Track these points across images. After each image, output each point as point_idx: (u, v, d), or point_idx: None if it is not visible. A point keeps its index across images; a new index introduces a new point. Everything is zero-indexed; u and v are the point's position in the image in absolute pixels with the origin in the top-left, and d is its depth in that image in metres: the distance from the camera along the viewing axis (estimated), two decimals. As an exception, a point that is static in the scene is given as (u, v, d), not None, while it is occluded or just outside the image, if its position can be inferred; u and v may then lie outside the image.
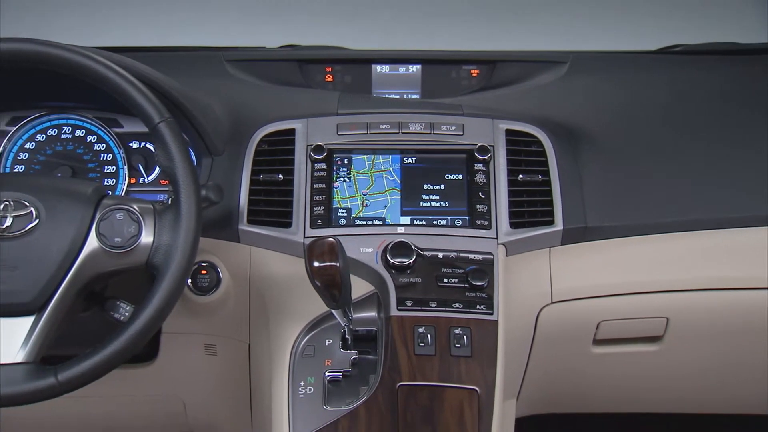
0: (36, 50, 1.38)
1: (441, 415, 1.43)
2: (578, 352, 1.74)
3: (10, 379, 1.28)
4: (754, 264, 1.68)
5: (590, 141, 1.75)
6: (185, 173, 1.38)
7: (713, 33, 2.12)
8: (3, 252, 1.33)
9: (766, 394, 1.89)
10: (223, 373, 1.81)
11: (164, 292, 1.33)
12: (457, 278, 1.57)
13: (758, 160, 1.75)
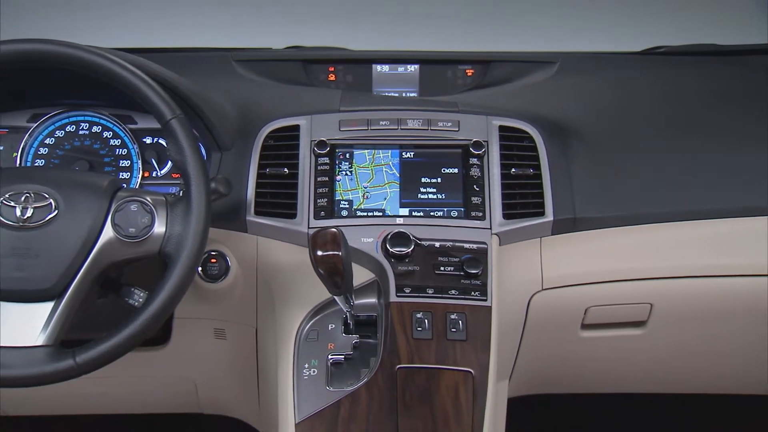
0: (56, 51, 1.38)
1: (437, 396, 1.44)
2: (567, 336, 1.74)
3: (31, 361, 1.29)
4: (733, 252, 1.69)
5: (579, 137, 1.75)
6: (195, 167, 1.39)
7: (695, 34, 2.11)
8: (24, 241, 1.33)
9: (745, 375, 1.90)
10: (231, 356, 1.81)
11: (176, 280, 1.34)
12: (453, 266, 1.57)
13: (736, 155, 1.75)
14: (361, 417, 1.42)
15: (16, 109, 1.76)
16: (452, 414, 1.42)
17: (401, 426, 1.41)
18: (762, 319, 1.75)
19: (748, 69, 2.00)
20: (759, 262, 1.68)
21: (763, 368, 1.88)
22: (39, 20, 2.26)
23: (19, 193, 1.35)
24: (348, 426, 1.41)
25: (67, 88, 1.72)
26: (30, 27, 1.43)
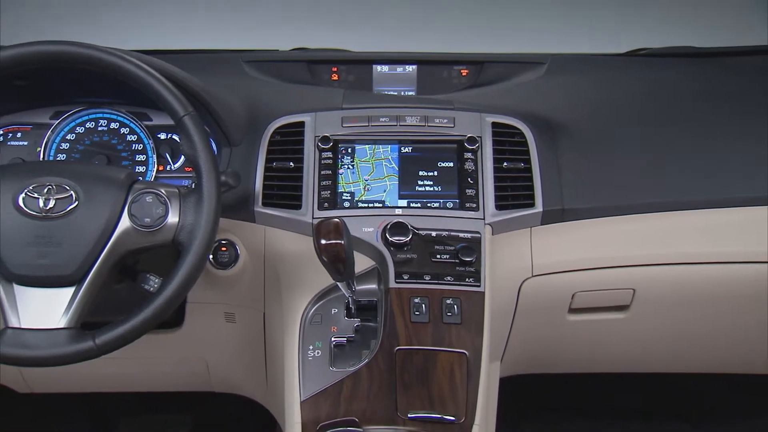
0: (77, 52, 1.38)
1: (434, 376, 1.44)
2: (555, 319, 1.74)
3: (54, 342, 1.30)
4: (710, 242, 1.68)
5: (567, 133, 1.75)
6: (207, 161, 1.39)
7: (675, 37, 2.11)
8: (47, 230, 1.33)
9: (722, 355, 1.90)
10: (241, 338, 1.81)
11: (189, 267, 1.34)
12: (449, 254, 1.57)
13: (713, 149, 1.75)
14: (362, 395, 1.42)
15: (39, 107, 1.76)
16: (448, 393, 1.42)
17: (400, 404, 1.40)
18: (737, 303, 1.75)
19: (723, 69, 1.99)
20: (734, 251, 1.68)
21: (739, 349, 1.89)
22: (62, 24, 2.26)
23: (42, 185, 1.35)
24: (350, 404, 1.41)
25: (87, 87, 1.71)
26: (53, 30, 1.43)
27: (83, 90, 1.74)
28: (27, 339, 1.31)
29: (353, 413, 1.40)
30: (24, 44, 1.38)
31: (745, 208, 1.69)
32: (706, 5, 2.33)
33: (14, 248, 1.33)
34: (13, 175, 1.39)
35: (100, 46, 1.40)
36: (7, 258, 1.33)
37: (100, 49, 1.39)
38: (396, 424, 1.38)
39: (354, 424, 1.38)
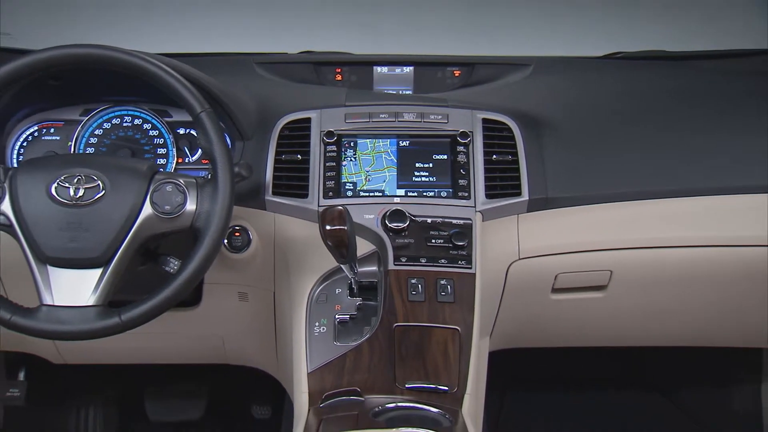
0: (105, 54, 1.38)
1: (429, 350, 1.44)
2: (540, 298, 1.73)
3: (84, 318, 1.31)
4: (682, 227, 1.68)
5: (551, 128, 1.73)
6: (222, 154, 1.39)
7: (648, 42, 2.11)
8: (77, 217, 1.34)
9: (692, 330, 1.90)
10: (253, 315, 1.80)
11: (205, 250, 1.35)
12: (443, 239, 1.56)
13: (682, 144, 1.73)
14: (363, 368, 1.42)
15: (70, 105, 1.75)
16: (442, 365, 1.42)
17: (398, 375, 1.40)
18: (702, 283, 1.74)
19: (692, 71, 1.98)
20: (705, 235, 1.68)
21: (703, 324, 1.88)
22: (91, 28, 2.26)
23: (72, 175, 1.35)
24: (352, 375, 1.41)
25: (113, 87, 1.71)
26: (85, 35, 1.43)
27: (110, 89, 1.73)
28: (60, 315, 1.32)
29: (355, 384, 1.40)
30: (57, 47, 1.38)
31: (708, 197, 1.68)
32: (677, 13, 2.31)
33: (48, 233, 1.33)
34: (46, 166, 1.39)
35: (125, 49, 1.40)
36: (42, 242, 1.33)
37: (125, 51, 1.39)
38: (394, 394, 1.38)
39: (356, 393, 1.38)
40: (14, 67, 1.37)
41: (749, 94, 1.85)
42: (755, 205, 1.68)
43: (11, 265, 1.60)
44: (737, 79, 1.92)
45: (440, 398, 1.38)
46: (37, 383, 2.17)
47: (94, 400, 2.35)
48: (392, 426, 1.25)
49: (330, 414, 1.32)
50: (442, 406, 1.34)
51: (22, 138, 1.74)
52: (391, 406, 1.34)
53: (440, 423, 1.29)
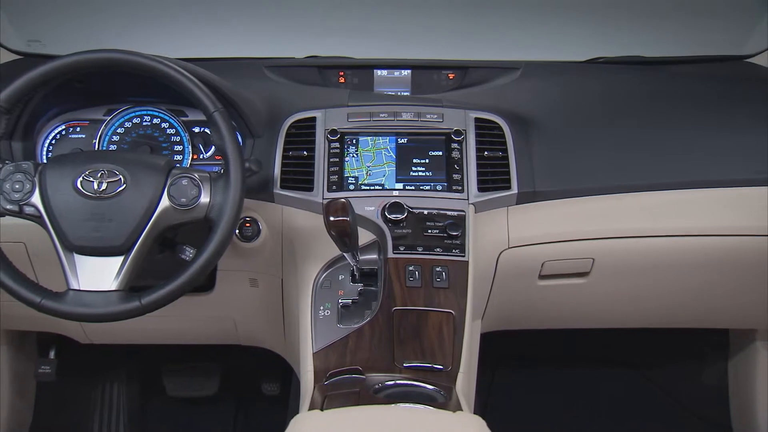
0: (126, 58, 1.38)
1: (425, 332, 1.43)
2: (527, 284, 1.72)
3: (107, 302, 1.31)
4: (657, 218, 1.67)
5: (538, 127, 1.72)
6: (233, 150, 1.38)
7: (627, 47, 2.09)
8: (100, 208, 1.33)
9: (667, 313, 1.89)
10: (263, 300, 1.79)
11: (218, 239, 1.34)
12: (438, 229, 1.55)
13: (659, 141, 1.72)
14: (364, 348, 1.41)
15: (94, 106, 1.75)
16: (437, 345, 1.41)
17: (396, 355, 1.39)
18: (677, 270, 1.73)
19: (667, 75, 1.97)
20: (679, 226, 1.66)
21: (677, 308, 1.87)
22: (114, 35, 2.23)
23: (96, 170, 1.35)
24: (354, 355, 1.41)
25: (134, 89, 1.71)
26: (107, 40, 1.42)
27: (131, 91, 1.73)
28: (85, 299, 1.32)
29: (357, 363, 1.39)
30: (82, 52, 1.38)
31: (682, 191, 1.67)
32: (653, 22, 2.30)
33: (74, 223, 1.33)
34: (72, 162, 1.38)
35: (145, 54, 1.39)
36: (68, 231, 1.33)
37: (145, 56, 1.39)
38: (393, 372, 1.37)
39: (358, 371, 1.37)
40: (43, 71, 1.37)
41: (719, 97, 1.84)
42: (724, 199, 1.67)
43: (41, 252, 1.61)
44: (708, 83, 1.91)
45: (435, 376, 1.37)
46: (66, 361, 2.17)
47: (117, 376, 2.35)
48: (391, 402, 1.24)
49: (334, 391, 1.31)
50: (437, 384, 1.33)
51: (50, 136, 1.74)
52: (391, 383, 1.33)
53: (435, 399, 1.29)
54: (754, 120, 1.74)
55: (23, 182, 1.35)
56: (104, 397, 2.32)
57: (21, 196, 1.35)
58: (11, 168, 1.37)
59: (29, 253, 1.66)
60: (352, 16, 2.31)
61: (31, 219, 1.37)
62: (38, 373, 2.11)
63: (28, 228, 1.42)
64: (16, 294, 1.33)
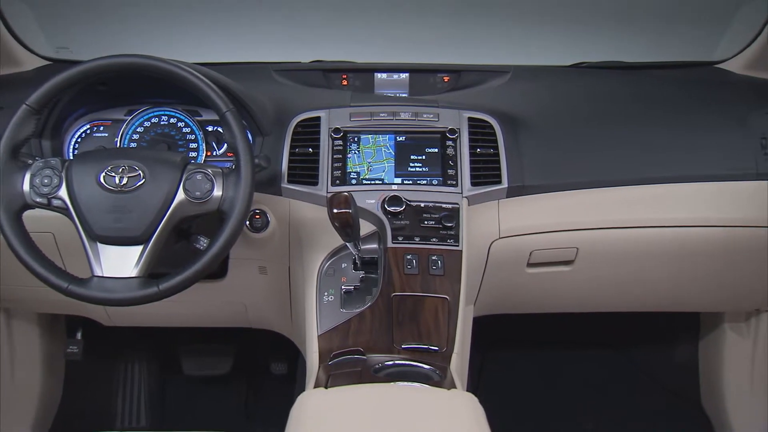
0: (145, 62, 1.37)
1: (422, 316, 1.42)
2: (517, 272, 1.71)
3: (128, 288, 1.31)
4: (636, 210, 1.66)
5: (527, 126, 1.70)
6: (244, 147, 1.37)
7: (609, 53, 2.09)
8: (121, 201, 1.33)
9: (643, 298, 1.88)
10: (271, 286, 1.78)
11: (230, 230, 1.33)
12: (434, 221, 1.54)
13: (638, 140, 1.71)
14: (365, 331, 1.41)
15: (116, 107, 1.74)
16: (433, 328, 1.40)
17: (395, 337, 1.38)
18: (654, 258, 1.72)
19: (646, 78, 1.95)
20: (656, 218, 1.66)
21: (654, 293, 1.87)
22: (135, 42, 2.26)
23: (117, 166, 1.35)
24: (356, 337, 1.40)
25: (152, 91, 1.69)
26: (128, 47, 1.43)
27: (149, 93, 1.72)
28: (108, 285, 1.31)
29: (359, 344, 1.38)
30: (104, 57, 1.37)
31: (659, 185, 1.66)
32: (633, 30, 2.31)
33: (97, 215, 1.33)
34: (96, 159, 1.38)
35: (162, 58, 1.38)
36: (92, 222, 1.32)
37: (163, 60, 1.38)
38: (392, 353, 1.36)
39: (359, 352, 1.37)
40: (69, 75, 1.37)
41: (693, 99, 1.82)
42: (699, 193, 1.66)
43: (68, 242, 1.60)
44: (683, 86, 1.89)
45: (431, 357, 1.36)
46: (92, 342, 2.17)
47: (138, 356, 2.36)
48: (391, 380, 1.24)
49: (337, 370, 1.31)
50: (433, 364, 1.32)
51: (76, 135, 1.73)
52: (390, 363, 1.32)
53: (431, 378, 1.28)
54: (725, 120, 1.73)
55: (51, 177, 1.35)
56: (126, 375, 2.32)
57: (49, 189, 1.34)
58: (41, 164, 1.36)
59: (57, 242, 1.65)
60: (354, 24, 2.32)
61: (58, 211, 1.36)
62: (67, 353, 2.11)
63: (56, 219, 1.42)
64: (45, 280, 1.32)
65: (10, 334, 2.04)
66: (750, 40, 1.92)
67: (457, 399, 1.16)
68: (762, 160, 1.66)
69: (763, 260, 1.73)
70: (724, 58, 2.00)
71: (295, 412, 1.13)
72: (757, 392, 2.00)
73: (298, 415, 1.12)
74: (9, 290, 1.81)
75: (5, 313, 2.02)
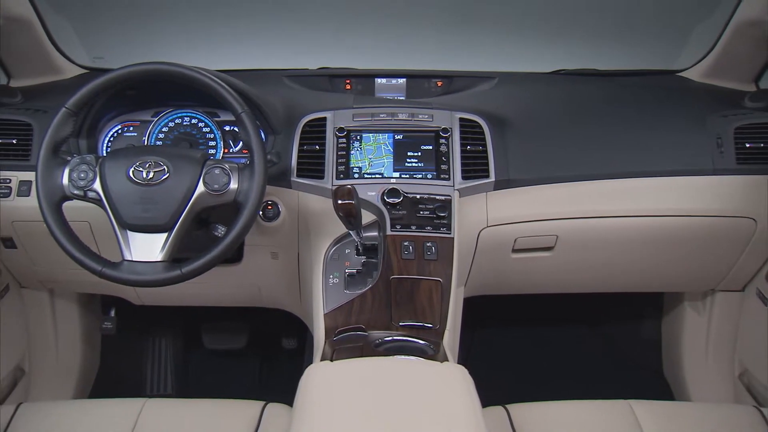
0: (169, 69, 1.35)
1: (418, 296, 1.40)
2: (503, 257, 1.69)
3: (154, 270, 1.30)
4: (609, 202, 1.64)
5: (512, 126, 1.68)
6: (258, 145, 1.35)
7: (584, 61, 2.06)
8: (148, 193, 1.32)
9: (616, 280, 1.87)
10: (282, 269, 1.76)
11: (245, 219, 1.32)
12: (429, 211, 1.52)
13: (611, 139, 1.69)
14: (367, 310, 1.39)
15: (144, 109, 1.72)
16: (427, 308, 1.38)
17: (394, 316, 1.37)
18: (626, 244, 1.70)
19: (617, 84, 1.92)
20: (623, 208, 1.64)
21: (626, 276, 1.84)
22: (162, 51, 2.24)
23: (145, 162, 1.34)
24: (359, 315, 1.38)
25: (176, 94, 1.68)
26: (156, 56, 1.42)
27: (173, 96, 1.70)
28: (137, 268, 1.31)
29: (361, 322, 1.37)
30: (134, 64, 1.35)
31: (631, 179, 1.64)
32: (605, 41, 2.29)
33: (127, 205, 1.32)
34: (125, 155, 1.37)
35: (185, 65, 1.37)
36: (122, 212, 1.32)
37: (185, 67, 1.36)
38: (391, 330, 1.35)
39: (361, 329, 1.35)
40: (103, 80, 1.36)
41: (658, 103, 1.80)
42: (664, 186, 1.64)
43: (102, 229, 1.61)
44: (650, 91, 1.87)
45: (426, 333, 1.34)
46: (124, 319, 2.16)
47: (164, 332, 2.34)
48: (389, 354, 1.22)
49: (341, 345, 1.29)
50: (427, 339, 1.31)
51: (109, 134, 1.71)
52: (389, 339, 1.31)
53: (426, 352, 1.26)
54: (685, 122, 1.71)
55: (87, 172, 1.34)
56: (154, 348, 2.32)
57: (85, 183, 1.34)
58: (78, 160, 1.36)
59: (93, 230, 1.64)
60: (357, 35, 2.31)
61: (93, 202, 1.36)
62: (102, 328, 2.11)
63: (91, 209, 1.42)
64: (82, 263, 1.32)
65: (54, 312, 2.04)
66: (706, 52, 1.92)
67: (449, 370, 1.14)
68: (717, 157, 1.65)
69: (718, 246, 1.72)
70: (684, 67, 2.00)
71: (304, 382, 1.12)
72: (711, 362, 2.00)
73: (306, 384, 1.11)
74: (51, 273, 1.80)
75: (49, 293, 2.01)
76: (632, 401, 1.39)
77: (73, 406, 1.41)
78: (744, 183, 1.64)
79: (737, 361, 1.92)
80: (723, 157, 1.65)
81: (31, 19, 1.72)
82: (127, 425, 1.32)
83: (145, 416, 1.34)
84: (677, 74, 2.01)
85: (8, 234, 1.67)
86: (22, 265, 1.78)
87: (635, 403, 1.38)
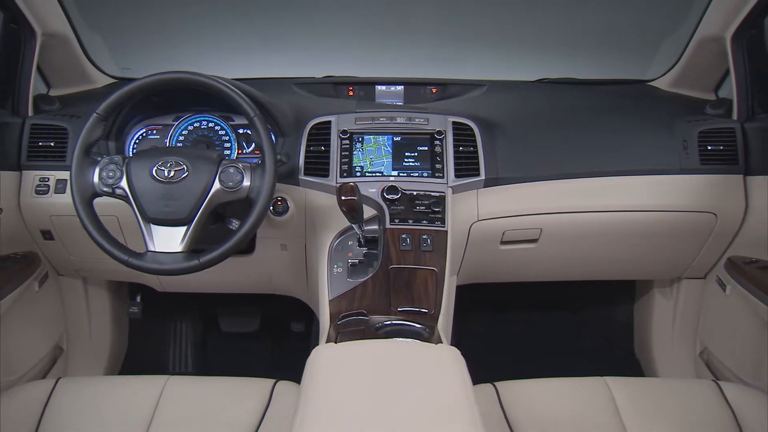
0: (189, 78, 1.35)
1: (415, 284, 1.39)
2: (492, 248, 1.67)
3: (175, 260, 1.30)
4: (589, 198, 1.63)
5: (500, 129, 1.66)
6: (268, 146, 1.34)
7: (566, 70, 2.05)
8: (169, 190, 1.32)
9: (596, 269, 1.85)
10: (291, 260, 1.74)
11: (257, 214, 1.32)
12: (424, 206, 1.50)
13: (592, 141, 1.68)
14: (368, 296, 1.38)
15: (166, 114, 1.71)
16: (423, 294, 1.37)
17: (393, 302, 1.36)
18: (606, 237, 1.68)
19: (595, 92, 1.91)
20: (603, 204, 1.63)
21: (606, 265, 1.83)
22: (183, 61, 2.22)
23: (166, 162, 1.34)
24: (360, 302, 1.37)
25: (195, 100, 1.67)
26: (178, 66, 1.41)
27: (192, 102, 1.69)
28: (159, 258, 1.31)
29: (363, 308, 1.35)
30: (157, 73, 1.36)
31: (609, 177, 1.63)
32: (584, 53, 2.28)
33: (151, 201, 1.32)
34: (149, 156, 1.36)
35: (203, 74, 1.36)
36: (146, 207, 1.32)
37: (203, 75, 1.36)
38: (390, 315, 1.33)
39: (363, 314, 1.34)
40: (130, 88, 1.36)
41: (631, 109, 1.79)
42: (639, 184, 1.63)
43: (128, 223, 1.61)
44: (625, 99, 1.86)
45: (422, 318, 1.33)
46: (149, 304, 2.15)
47: (185, 316, 2.33)
48: (389, 337, 1.22)
49: (345, 328, 1.28)
50: (423, 323, 1.30)
51: (135, 137, 1.70)
52: (388, 323, 1.30)
53: (422, 335, 1.25)
54: (655, 126, 1.70)
55: (115, 171, 1.35)
56: (176, 332, 2.31)
57: (113, 181, 1.35)
58: (107, 160, 1.36)
59: (120, 223, 1.64)
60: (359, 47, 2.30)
61: (120, 198, 1.36)
62: (129, 312, 2.10)
63: (119, 205, 1.43)
64: (111, 254, 1.32)
65: (87, 298, 2.04)
66: (672, 63, 1.91)
67: (443, 352, 1.13)
68: (683, 158, 1.64)
69: (683, 238, 1.71)
70: (654, 77, 1.99)
71: (311, 361, 1.11)
72: (677, 342, 1.99)
73: (312, 364, 1.10)
74: (84, 262, 1.80)
75: (83, 281, 2.01)
76: (607, 378, 1.39)
77: (105, 381, 1.42)
78: (707, 181, 1.64)
79: (698, 340, 1.92)
80: (688, 158, 1.64)
81: (68, 35, 1.74)
82: (153, 399, 1.32)
83: (168, 391, 1.34)
84: (648, 83, 2.00)
85: (47, 227, 1.68)
86: (59, 255, 1.78)
87: (610, 380, 1.38)
